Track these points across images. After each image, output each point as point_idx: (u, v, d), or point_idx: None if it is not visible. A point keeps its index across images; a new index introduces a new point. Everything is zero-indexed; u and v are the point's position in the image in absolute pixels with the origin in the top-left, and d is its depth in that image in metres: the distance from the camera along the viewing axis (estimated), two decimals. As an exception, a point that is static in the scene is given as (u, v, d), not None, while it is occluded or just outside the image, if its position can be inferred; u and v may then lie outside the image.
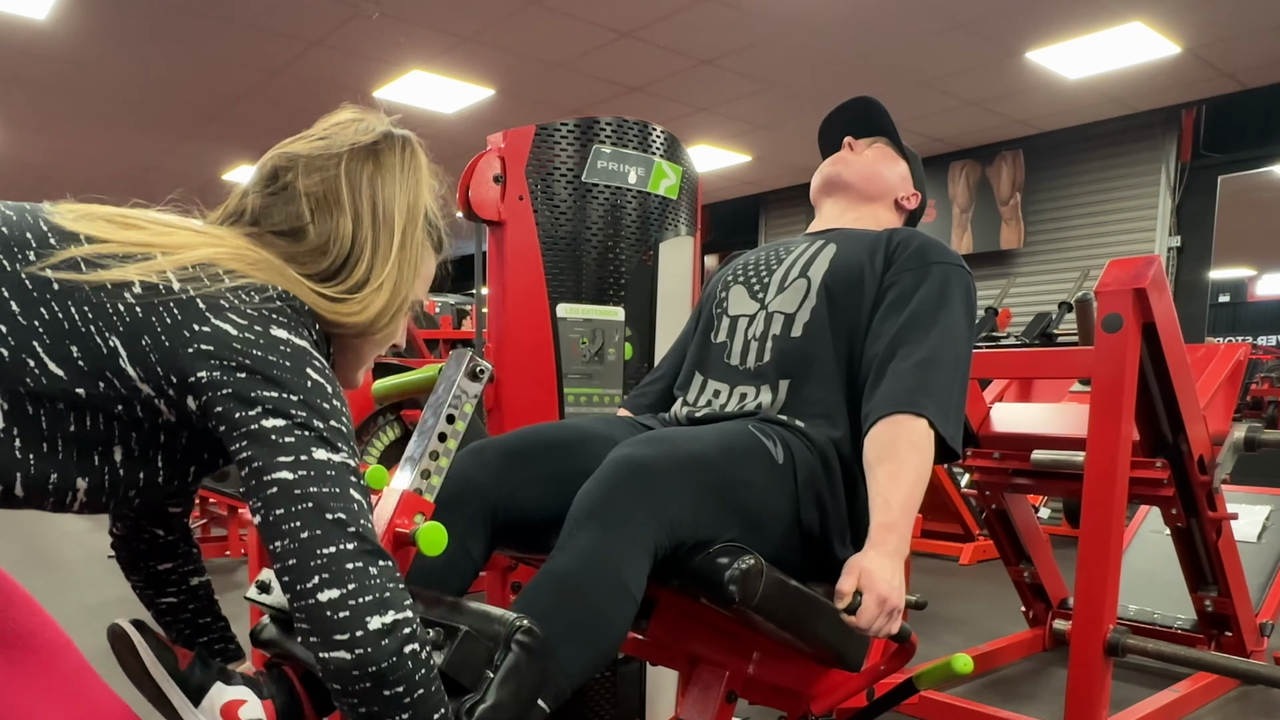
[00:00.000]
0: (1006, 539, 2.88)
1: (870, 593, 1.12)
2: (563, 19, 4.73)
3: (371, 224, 0.95)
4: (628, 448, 1.15)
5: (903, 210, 1.63)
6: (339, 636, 0.77)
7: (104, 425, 0.83)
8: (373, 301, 0.95)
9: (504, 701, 0.91)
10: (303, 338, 0.86)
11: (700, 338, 1.53)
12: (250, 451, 0.81)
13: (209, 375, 0.81)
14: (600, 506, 1.08)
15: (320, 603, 0.78)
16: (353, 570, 0.79)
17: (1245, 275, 13.41)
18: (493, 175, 1.79)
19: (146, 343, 0.81)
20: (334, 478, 0.81)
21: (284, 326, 0.85)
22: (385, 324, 0.98)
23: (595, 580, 1.04)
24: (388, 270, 0.96)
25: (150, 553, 1.13)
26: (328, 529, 0.79)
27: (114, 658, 1.01)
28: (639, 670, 1.92)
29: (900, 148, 1.64)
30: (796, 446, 1.28)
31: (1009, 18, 4.63)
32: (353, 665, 0.77)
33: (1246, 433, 2.33)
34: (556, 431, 1.34)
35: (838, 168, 1.60)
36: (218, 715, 1.02)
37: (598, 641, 1.05)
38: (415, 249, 1.00)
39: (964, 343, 1.33)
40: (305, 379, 0.83)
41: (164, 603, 1.14)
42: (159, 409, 0.84)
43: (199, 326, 0.82)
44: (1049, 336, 5.24)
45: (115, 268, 0.82)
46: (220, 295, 0.84)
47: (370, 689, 0.78)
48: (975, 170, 6.76)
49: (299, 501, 0.79)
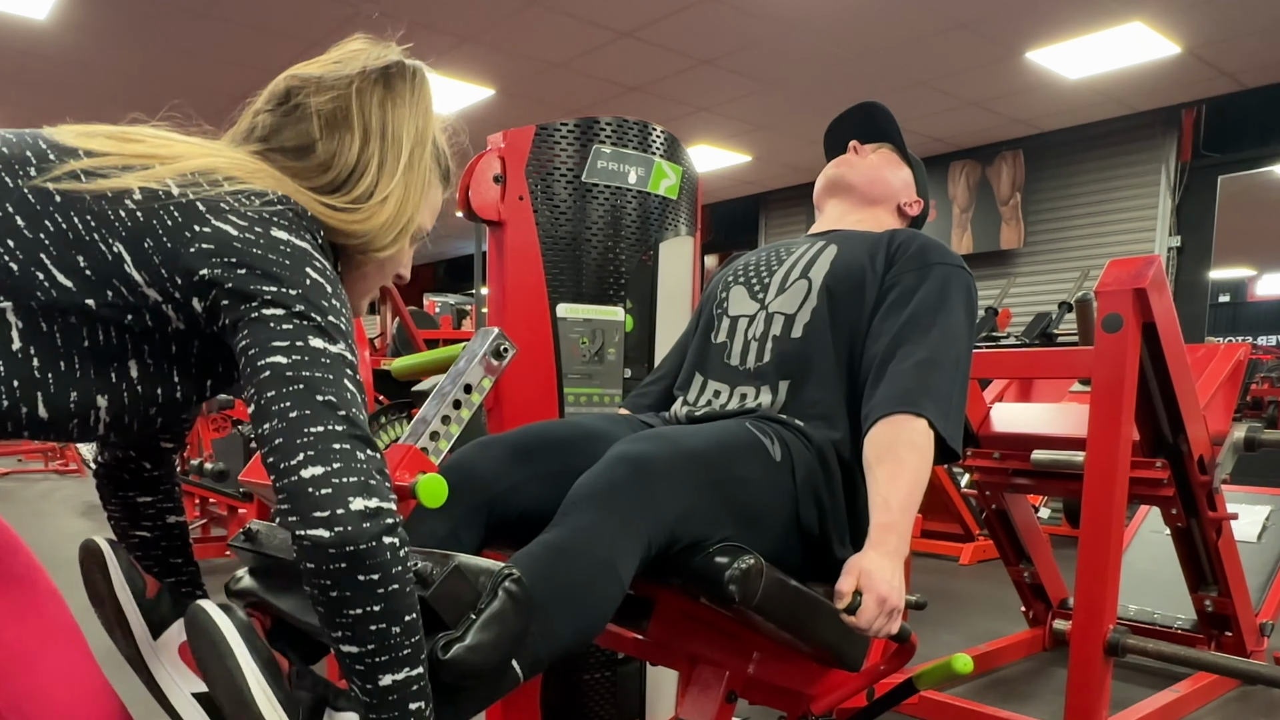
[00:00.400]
0: (1006, 539, 2.88)
1: (870, 593, 1.12)
2: (563, 19, 4.73)
3: (379, 143, 0.95)
4: (626, 444, 1.15)
5: (905, 216, 1.63)
6: (319, 514, 0.75)
7: (116, 339, 0.84)
8: (377, 213, 0.95)
9: (483, 645, 0.89)
10: (304, 240, 0.86)
11: (700, 338, 1.53)
12: (247, 340, 0.81)
13: (210, 273, 0.81)
14: (598, 494, 1.08)
15: (303, 479, 0.76)
16: (339, 450, 0.77)
17: (1245, 275, 13.40)
18: (493, 175, 1.79)
19: (149, 245, 0.82)
20: (329, 365, 0.81)
21: (284, 229, 0.85)
22: (390, 241, 0.97)
23: (586, 555, 1.04)
24: (393, 185, 0.96)
25: (133, 483, 1.12)
26: (317, 409, 0.78)
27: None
28: (639, 670, 1.92)
29: (905, 154, 1.65)
30: (794, 445, 1.28)
31: (1009, 18, 4.63)
32: (330, 543, 0.75)
33: (1246, 433, 2.33)
34: (560, 429, 1.34)
35: (842, 170, 1.61)
36: (175, 652, 1.00)
37: (581, 617, 1.04)
38: (423, 173, 1.00)
39: (964, 343, 1.33)
40: (305, 277, 0.83)
41: (137, 536, 1.13)
42: (167, 316, 0.85)
43: (199, 227, 0.83)
44: (1049, 336, 5.24)
45: (115, 177, 0.83)
46: (220, 199, 0.85)
47: (345, 570, 0.76)
48: (975, 170, 6.76)
49: (290, 384, 0.79)
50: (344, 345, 0.83)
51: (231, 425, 4.69)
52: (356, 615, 0.77)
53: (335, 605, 0.77)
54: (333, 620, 0.77)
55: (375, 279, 1.06)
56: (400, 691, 0.79)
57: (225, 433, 4.67)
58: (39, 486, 7.42)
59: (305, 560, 0.76)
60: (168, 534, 1.14)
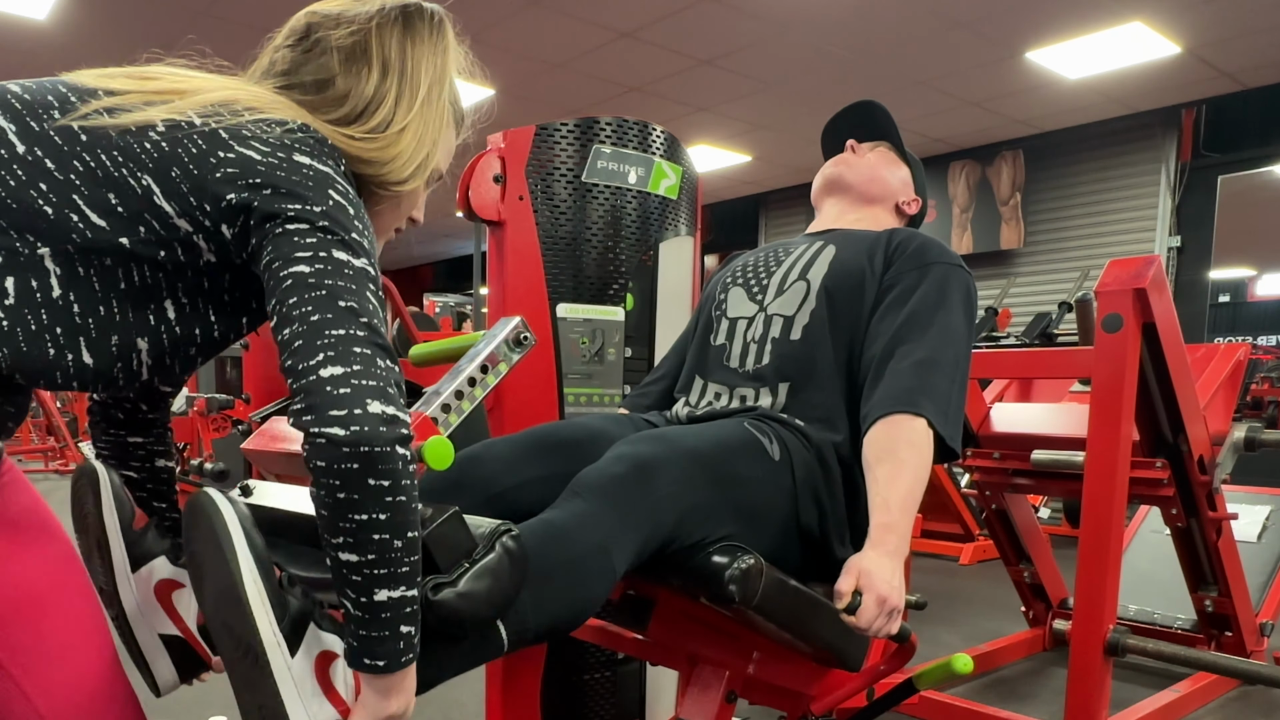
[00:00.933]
0: (1006, 539, 2.88)
1: (870, 593, 1.12)
2: (563, 19, 4.73)
3: (397, 79, 0.96)
4: (627, 444, 1.16)
5: (903, 215, 1.63)
6: (335, 412, 0.74)
7: (151, 279, 0.85)
8: (395, 142, 0.96)
9: (474, 594, 0.88)
10: (327, 165, 0.87)
11: (699, 340, 1.53)
12: (271, 254, 0.81)
13: (237, 197, 0.82)
14: (598, 487, 1.09)
15: (321, 378, 0.75)
16: (359, 354, 0.77)
17: (1245, 275, 13.41)
18: (493, 175, 1.79)
19: (176, 174, 0.83)
20: (352, 275, 0.81)
21: (306, 154, 0.86)
22: (408, 175, 0.98)
23: (582, 538, 1.04)
24: (410, 117, 0.97)
25: (127, 422, 1.11)
26: (339, 314, 0.78)
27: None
28: (639, 670, 1.92)
29: (903, 153, 1.64)
30: (793, 444, 1.28)
31: (1009, 18, 4.63)
32: (345, 442, 0.74)
33: (1246, 433, 2.33)
34: (566, 430, 1.34)
35: (839, 169, 1.61)
36: (151, 589, 0.99)
37: (572, 595, 1.03)
38: (440, 111, 1.01)
39: (963, 342, 1.33)
40: (328, 198, 0.84)
41: (124, 475, 1.11)
42: (199, 247, 0.85)
43: (224, 153, 0.84)
44: (1049, 336, 5.24)
45: (138, 111, 0.84)
46: (242, 126, 0.86)
47: (357, 471, 0.74)
48: (975, 170, 6.76)
49: (313, 289, 0.79)
50: (367, 260, 0.84)
51: (231, 425, 4.69)
52: (361, 521, 0.75)
53: (341, 509, 0.75)
54: (336, 525, 0.76)
55: (390, 217, 1.06)
56: (394, 610, 0.78)
57: (225, 433, 4.67)
58: (39, 486, 7.35)
59: (316, 458, 0.75)
60: (154, 476, 1.14)
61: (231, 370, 6.22)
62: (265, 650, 0.79)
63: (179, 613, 1.01)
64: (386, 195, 1.00)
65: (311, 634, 0.83)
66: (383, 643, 0.78)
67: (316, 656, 0.83)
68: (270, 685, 0.80)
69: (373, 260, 0.85)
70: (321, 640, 0.83)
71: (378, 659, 0.79)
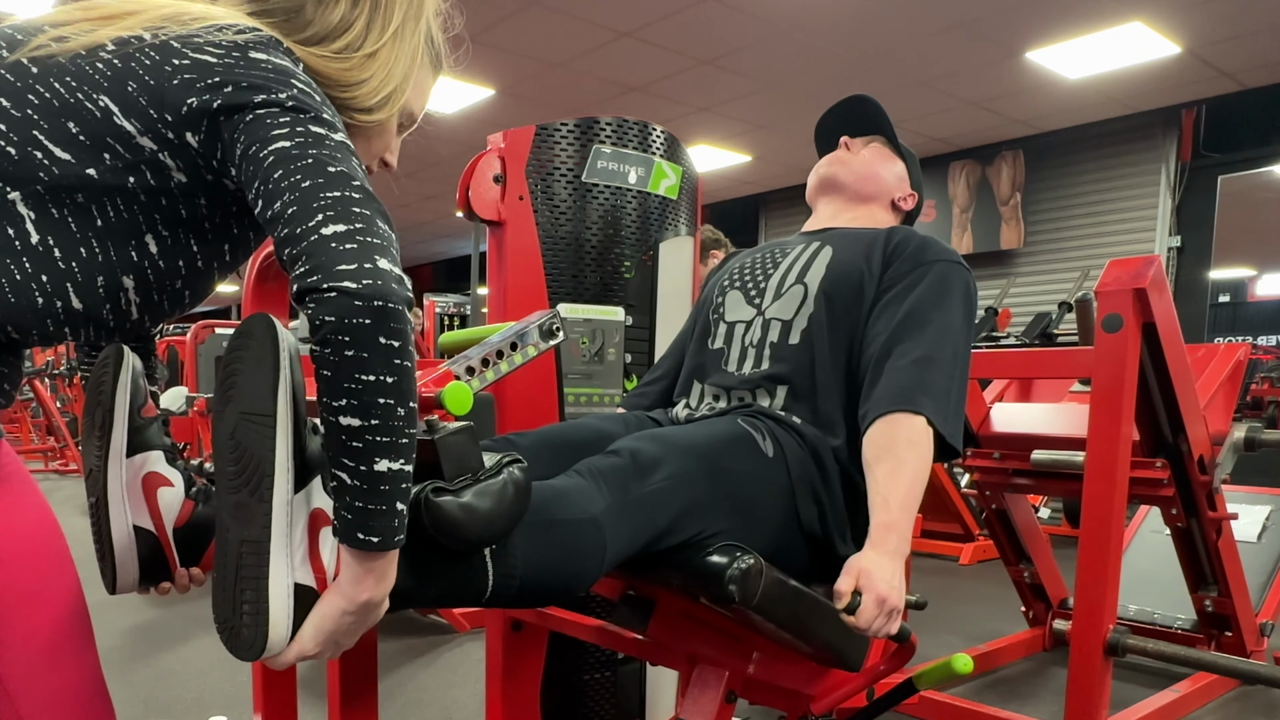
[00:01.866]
0: (1006, 539, 2.88)
1: (869, 593, 1.12)
2: (563, 19, 4.73)
3: (370, 7, 0.94)
4: (626, 442, 1.17)
5: (899, 211, 1.62)
6: (345, 266, 0.70)
7: (126, 211, 0.83)
8: (363, 65, 0.93)
9: (474, 509, 0.87)
10: (284, 60, 0.84)
11: (697, 344, 1.53)
12: (244, 141, 0.78)
13: (198, 100, 0.80)
14: (598, 471, 1.10)
15: (324, 235, 0.72)
16: (360, 213, 0.74)
17: (1245, 275, 13.40)
18: (493, 175, 1.79)
19: (132, 89, 0.81)
20: (335, 146, 0.78)
21: (263, 51, 0.83)
22: (376, 103, 0.94)
23: (581, 507, 1.04)
24: (381, 43, 0.94)
25: None
26: (331, 178, 0.75)
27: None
28: (639, 670, 1.92)
29: (897, 147, 1.63)
30: (787, 441, 1.28)
31: (1009, 18, 4.63)
32: (358, 295, 0.70)
33: (1246, 433, 2.33)
34: (573, 432, 1.35)
35: (834, 168, 1.60)
36: (138, 478, 0.97)
37: (563, 556, 1.02)
38: (414, 45, 0.98)
39: (962, 339, 1.33)
40: (292, 86, 0.81)
41: None
42: (166, 166, 0.83)
43: (178, 60, 0.81)
44: (1049, 336, 5.24)
45: (86, 35, 0.83)
46: (193, 34, 0.83)
47: (369, 327, 0.70)
48: (975, 170, 6.76)
49: (299, 160, 0.76)
50: (344, 136, 0.81)
51: (231, 425, 4.68)
52: (369, 382, 0.72)
53: (348, 367, 0.71)
54: (341, 386, 0.72)
55: (359, 155, 1.03)
56: (392, 483, 0.75)
57: (225, 433, 4.66)
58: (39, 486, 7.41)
59: (326, 313, 0.70)
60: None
61: (231, 370, 6.26)
62: (274, 474, 0.76)
63: (160, 510, 0.98)
64: (353, 126, 0.95)
65: (316, 486, 0.80)
66: (379, 516, 0.75)
67: (313, 510, 0.80)
68: (264, 516, 0.76)
69: (347, 137, 0.82)
70: (323, 498, 0.81)
71: (372, 534, 0.75)
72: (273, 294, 1.85)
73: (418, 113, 1.06)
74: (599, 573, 1.05)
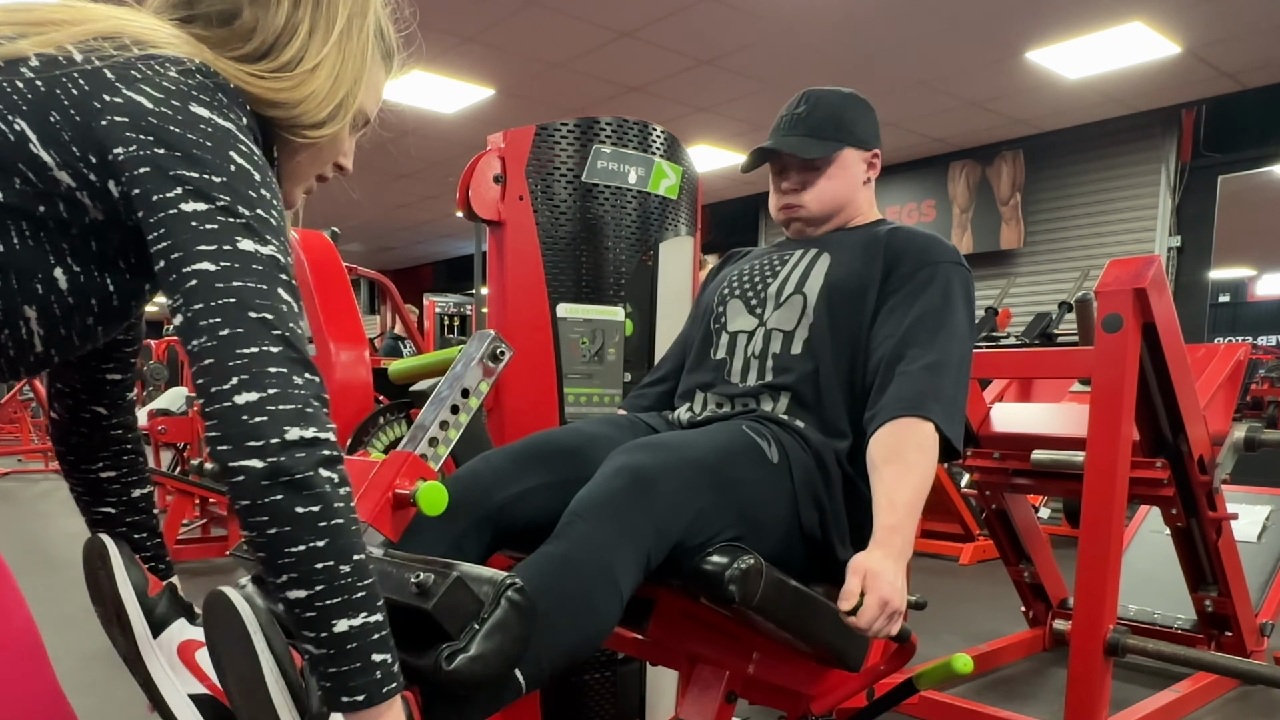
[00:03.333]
0: (1006, 539, 2.88)
1: (873, 593, 1.12)
2: (563, 19, 4.73)
3: (312, 7, 0.86)
4: (625, 454, 1.16)
5: (871, 177, 1.55)
6: (252, 443, 0.70)
7: (33, 238, 0.76)
8: (306, 81, 0.86)
9: (487, 655, 0.88)
10: (228, 120, 0.78)
11: (699, 352, 1.53)
12: (169, 241, 0.73)
13: (126, 151, 0.74)
14: (597, 506, 1.09)
15: (235, 405, 0.70)
16: (275, 375, 0.72)
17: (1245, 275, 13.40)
18: (493, 175, 1.79)
19: (55, 120, 0.74)
20: (260, 272, 0.74)
21: (205, 105, 0.77)
22: (324, 117, 0.88)
23: (586, 565, 1.04)
24: (325, 52, 0.86)
25: (90, 443, 1.06)
26: (251, 328, 0.72)
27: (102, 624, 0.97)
28: (639, 670, 1.92)
29: (839, 121, 1.50)
30: (791, 446, 1.28)
31: (1009, 18, 4.63)
32: (264, 474, 0.69)
33: (1246, 433, 2.33)
34: (562, 437, 1.34)
35: (795, 211, 1.53)
36: (174, 652, 0.98)
37: (582, 627, 1.04)
38: (362, 43, 0.90)
39: (967, 342, 1.35)
40: (229, 162, 0.75)
41: (100, 513, 1.08)
42: (83, 205, 0.77)
43: (110, 97, 0.75)
44: (1049, 336, 5.24)
45: (7, 45, 0.75)
46: (131, 65, 0.76)
47: (282, 502, 0.70)
48: (975, 170, 6.76)
49: (221, 295, 0.72)
50: (275, 246, 0.76)
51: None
52: (300, 553, 0.71)
53: (276, 544, 0.71)
54: (276, 562, 0.71)
55: (311, 165, 0.96)
56: (359, 639, 0.73)
57: (225, 433, 4.66)
58: (39, 486, 7.42)
59: (239, 497, 0.71)
60: (132, 508, 1.10)
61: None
62: None
63: (204, 673, 0.99)
64: (302, 143, 0.90)
65: None
66: (355, 675, 0.74)
67: None
68: None
69: (282, 240, 0.77)
70: None
71: (355, 694, 0.74)
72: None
73: (371, 112, 0.99)
74: (620, 611, 1.07)
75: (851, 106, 1.52)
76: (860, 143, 1.51)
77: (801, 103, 1.53)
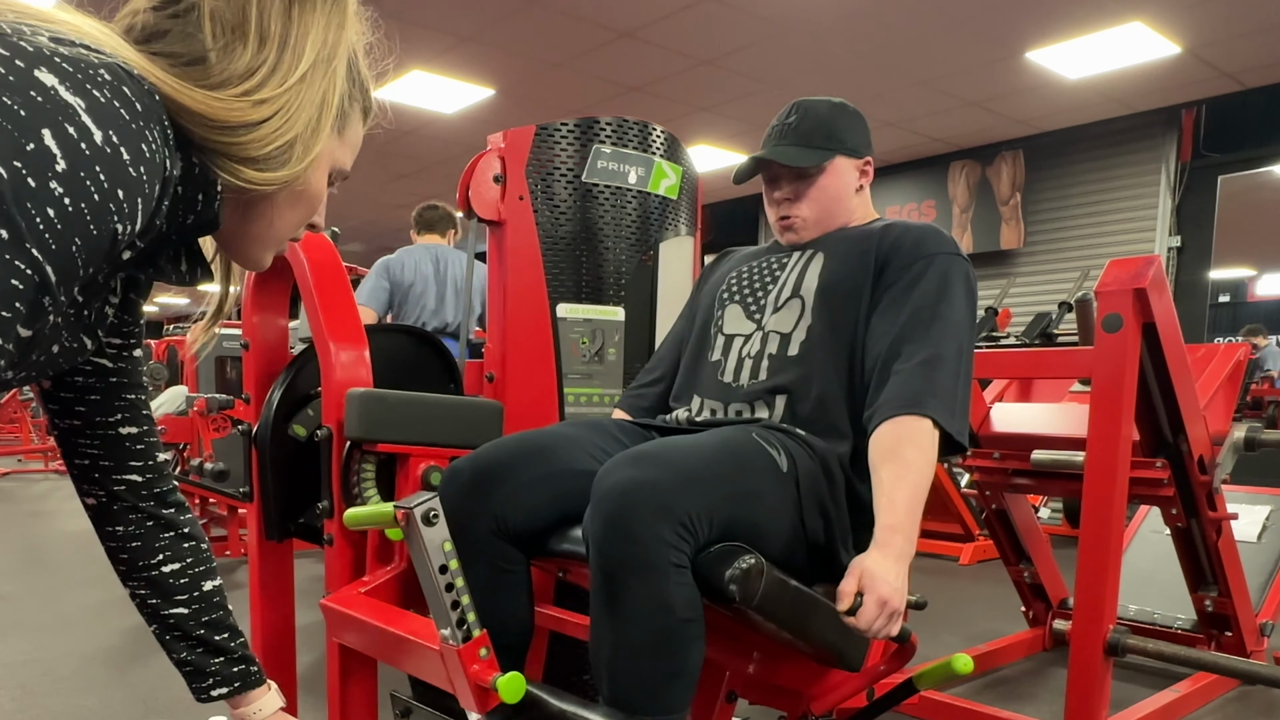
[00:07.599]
0: (1006, 539, 2.88)
1: (872, 594, 1.12)
2: (563, 19, 4.73)
3: (278, 49, 0.77)
4: (629, 469, 1.11)
5: (864, 184, 1.55)
6: None
7: None
8: (246, 111, 0.75)
9: None
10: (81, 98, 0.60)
11: (695, 354, 1.52)
12: None
13: None
14: (625, 547, 1.07)
15: None
16: None
17: (1245, 275, 13.41)
18: (493, 175, 1.79)
19: None
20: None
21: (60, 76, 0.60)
22: (262, 154, 0.76)
23: (660, 634, 1.08)
24: (278, 92, 0.76)
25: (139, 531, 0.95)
26: None
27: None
28: (639, 670, 1.92)
29: (830, 130, 1.50)
30: (798, 454, 1.28)
31: (1009, 18, 4.63)
32: None
33: (1246, 433, 2.33)
34: (530, 439, 1.35)
35: (790, 222, 1.53)
36: None
37: (685, 676, 1.12)
38: (321, 92, 0.80)
39: (966, 334, 1.33)
40: (37, 138, 0.57)
41: (172, 616, 0.97)
42: None
43: None
44: (1049, 336, 5.23)
45: None
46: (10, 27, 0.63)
47: None
48: (975, 170, 6.76)
49: None
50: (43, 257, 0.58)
51: (231, 425, 4.69)
52: None
53: None
54: None
55: (287, 219, 0.85)
56: None
57: (225, 432, 4.67)
58: (39, 486, 7.42)
59: None
60: (208, 605, 0.99)
61: (231, 370, 6.20)
62: None
63: None
64: (249, 188, 0.78)
65: None
66: None
67: None
68: None
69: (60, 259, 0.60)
70: None
71: None
72: (273, 294, 1.85)
73: (347, 165, 0.89)
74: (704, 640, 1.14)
75: (841, 115, 1.53)
76: (851, 151, 1.52)
77: (792, 113, 1.53)
